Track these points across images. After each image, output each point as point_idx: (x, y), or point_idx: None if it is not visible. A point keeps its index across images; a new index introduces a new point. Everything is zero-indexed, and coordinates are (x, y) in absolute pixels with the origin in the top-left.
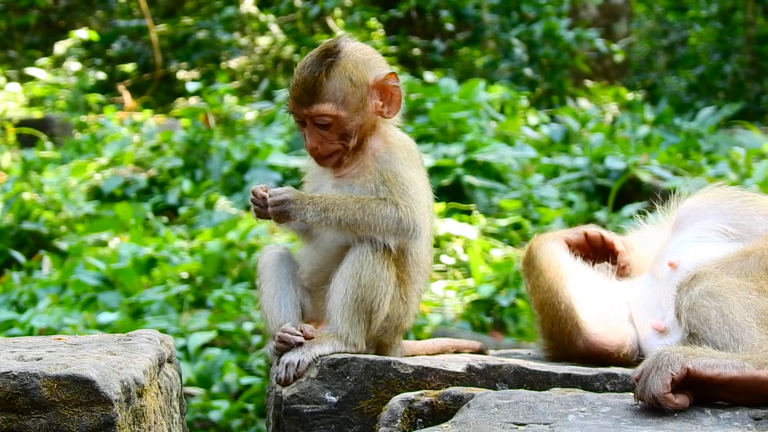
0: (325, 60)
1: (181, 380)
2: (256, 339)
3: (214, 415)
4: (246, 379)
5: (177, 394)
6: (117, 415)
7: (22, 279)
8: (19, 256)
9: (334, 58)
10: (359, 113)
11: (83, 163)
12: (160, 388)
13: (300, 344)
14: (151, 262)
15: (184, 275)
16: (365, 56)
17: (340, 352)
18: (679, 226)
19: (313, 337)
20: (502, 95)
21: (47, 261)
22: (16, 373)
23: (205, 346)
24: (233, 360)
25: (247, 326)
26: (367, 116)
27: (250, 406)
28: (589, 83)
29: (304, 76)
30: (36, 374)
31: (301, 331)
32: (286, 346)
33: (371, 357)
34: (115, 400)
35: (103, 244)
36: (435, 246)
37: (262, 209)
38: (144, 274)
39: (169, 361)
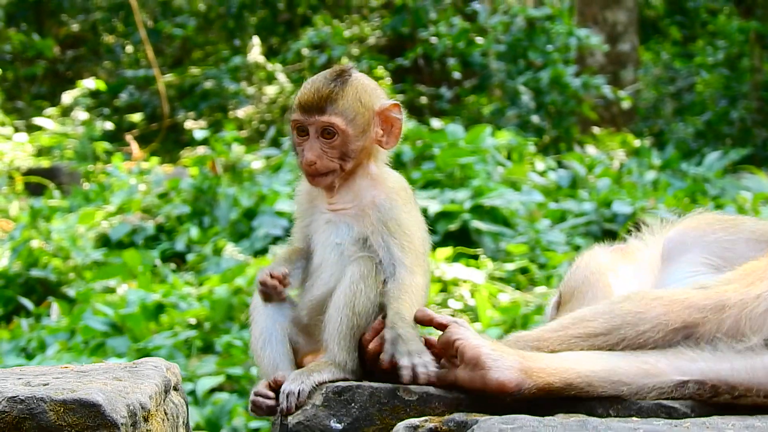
0: (340, 77)
1: (187, 408)
2: None
3: None
4: (254, 423)
5: (183, 422)
6: None
7: (31, 326)
8: (27, 303)
9: (348, 77)
10: (363, 136)
11: (91, 211)
12: (166, 414)
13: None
14: (159, 308)
15: (192, 321)
16: (372, 84)
17: (339, 379)
18: (667, 260)
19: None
20: (509, 141)
21: (56, 307)
22: (23, 398)
23: (213, 390)
24: (241, 404)
25: (255, 371)
26: (368, 141)
27: None
28: (596, 130)
29: (318, 87)
30: (43, 398)
31: (275, 382)
32: (259, 411)
33: (376, 384)
34: (122, 424)
35: (111, 290)
36: (442, 291)
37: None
38: (152, 320)
39: (176, 389)
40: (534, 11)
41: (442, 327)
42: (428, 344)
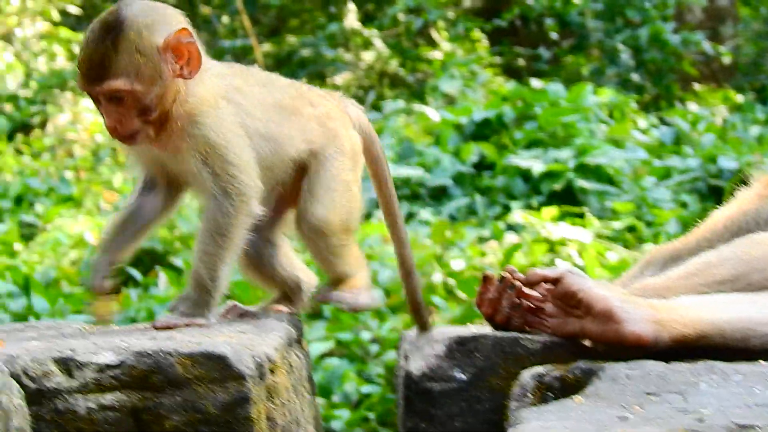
0: (108, 34)
1: (310, 362)
2: (375, 348)
3: (336, 425)
4: (366, 388)
5: (307, 375)
6: (251, 391)
7: (140, 296)
8: (135, 274)
9: (117, 29)
10: (156, 83)
11: None
12: (291, 366)
13: None
14: None
15: None
16: (149, 19)
17: None
18: None
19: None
20: (610, 99)
21: (163, 277)
22: (150, 352)
23: (323, 356)
24: (352, 369)
25: (365, 335)
26: (166, 84)
27: (372, 415)
28: (697, 87)
29: (89, 53)
30: (170, 352)
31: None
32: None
33: (499, 333)
34: (249, 376)
35: None
36: (550, 251)
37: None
38: (259, 289)
39: (299, 342)
40: None
41: (556, 281)
42: (523, 296)
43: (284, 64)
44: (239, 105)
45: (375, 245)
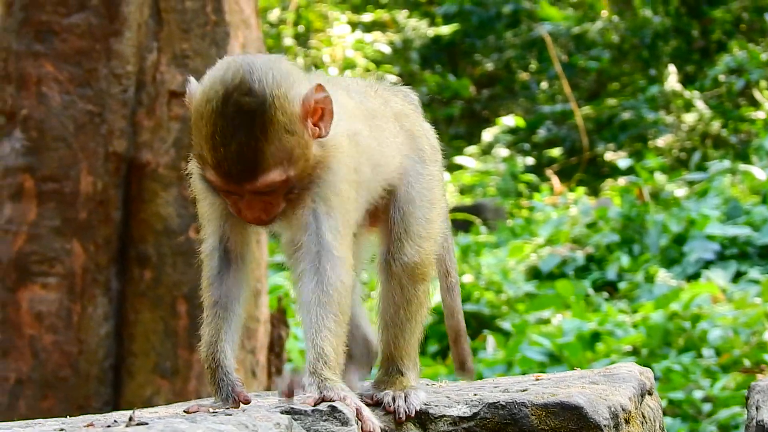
0: (253, 121)
1: (662, 412)
2: (707, 407)
3: None
4: None
5: (660, 425)
6: None
7: None
8: None
9: (261, 112)
10: (303, 160)
11: (520, 245)
12: (644, 417)
13: None
14: (595, 337)
15: (628, 348)
16: (281, 80)
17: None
18: None
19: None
20: None
21: (491, 340)
22: (503, 403)
23: None
24: (685, 428)
25: (697, 394)
26: (309, 156)
27: None
28: None
29: (234, 149)
30: (524, 403)
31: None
32: None
33: None
34: (605, 426)
35: (545, 321)
36: None
37: None
38: (588, 349)
39: (650, 393)
40: None
41: None
42: None
43: (604, 127)
44: (358, 136)
45: (704, 305)
